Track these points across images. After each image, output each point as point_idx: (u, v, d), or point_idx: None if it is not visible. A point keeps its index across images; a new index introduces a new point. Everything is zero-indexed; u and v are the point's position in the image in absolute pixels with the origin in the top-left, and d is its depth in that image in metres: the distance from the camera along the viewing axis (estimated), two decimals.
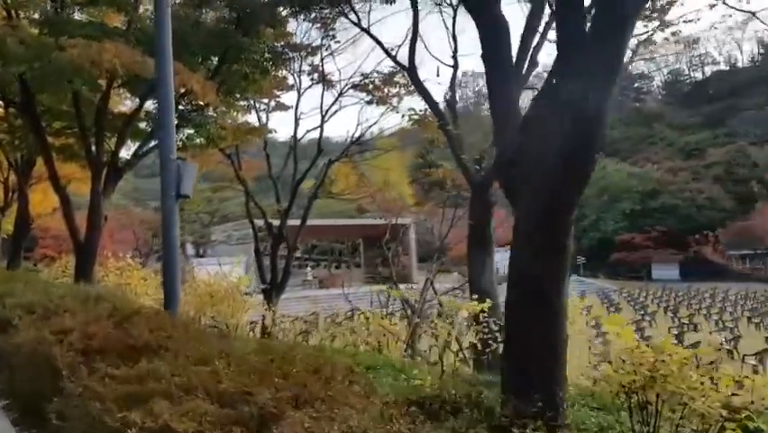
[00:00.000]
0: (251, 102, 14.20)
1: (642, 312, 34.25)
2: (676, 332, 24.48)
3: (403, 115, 14.57)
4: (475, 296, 9.70)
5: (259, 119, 16.76)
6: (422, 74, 11.75)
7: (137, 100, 13.96)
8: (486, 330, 7.52)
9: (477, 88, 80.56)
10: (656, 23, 12.41)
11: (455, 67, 11.60)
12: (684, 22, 12.90)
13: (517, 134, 3.45)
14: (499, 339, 7.64)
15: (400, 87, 16.49)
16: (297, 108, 17.53)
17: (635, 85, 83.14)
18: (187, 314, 8.08)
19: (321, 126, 17.72)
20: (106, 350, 5.24)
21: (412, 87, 16.11)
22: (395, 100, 16.94)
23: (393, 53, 12.76)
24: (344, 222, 54.84)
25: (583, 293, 40.30)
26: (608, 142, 71.80)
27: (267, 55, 11.45)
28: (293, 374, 3.72)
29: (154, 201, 56.42)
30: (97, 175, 11.15)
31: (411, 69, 11.20)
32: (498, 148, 3.71)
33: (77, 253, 11.84)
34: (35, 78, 9.87)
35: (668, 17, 12.79)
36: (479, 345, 7.47)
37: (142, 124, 12.92)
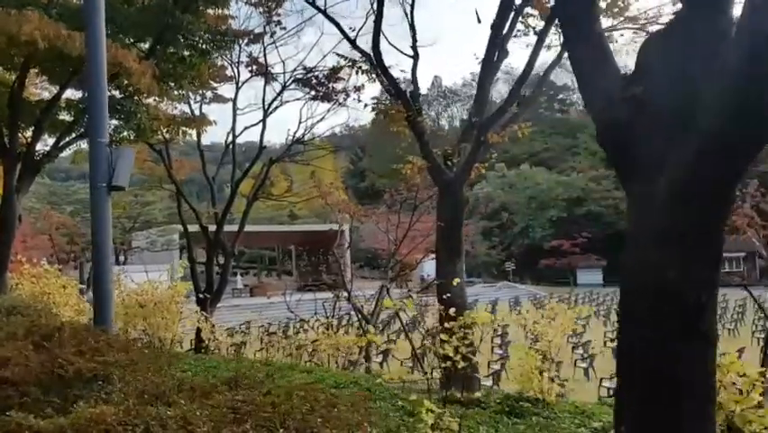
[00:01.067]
0: (185, 92, 12.91)
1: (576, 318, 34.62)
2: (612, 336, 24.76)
3: (366, 105, 13.66)
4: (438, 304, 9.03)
5: (192, 112, 15.39)
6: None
7: (54, 89, 12.52)
8: (466, 342, 6.69)
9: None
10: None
11: (415, 57, 10.85)
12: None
13: (630, 83, 2.62)
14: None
15: (347, 81, 15.65)
16: (235, 102, 16.28)
17: (559, 96, 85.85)
18: (113, 328, 6.87)
19: (263, 121, 16.49)
20: (25, 382, 4.07)
21: (359, 82, 15.33)
22: (341, 97, 16.05)
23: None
24: (280, 228, 53.45)
25: (517, 298, 40.87)
26: (533, 152, 74.11)
27: (207, 36, 10.28)
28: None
29: (70, 205, 52.82)
30: (11, 169, 9.62)
31: (376, 53, 10.35)
32: (594, 108, 2.85)
33: None
34: None
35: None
36: (456, 358, 6.60)
37: (63, 115, 11.41)
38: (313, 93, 16.38)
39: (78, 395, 3.49)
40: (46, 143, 11.48)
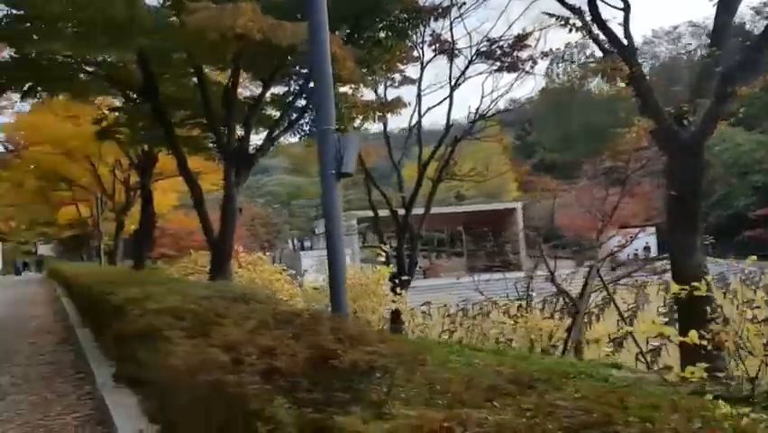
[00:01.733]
0: (377, 77, 12.98)
1: None
2: None
3: (579, 64, 12.82)
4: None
5: (384, 96, 15.51)
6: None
7: (255, 86, 13.25)
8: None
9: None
10: None
11: (626, 9, 9.67)
12: None
13: None
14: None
15: (534, 47, 14.73)
16: (419, 82, 16.21)
17: None
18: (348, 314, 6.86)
19: (450, 98, 16.19)
20: (293, 372, 4.01)
21: (548, 48, 14.36)
22: (527, 65, 15.19)
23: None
24: (452, 209, 53.48)
25: (722, 275, 35.91)
26: (729, 114, 65.54)
27: (403, 15, 10.12)
28: None
29: (261, 198, 57.53)
30: (230, 164, 10.30)
31: (592, 6, 9.42)
32: None
33: (211, 249, 11.05)
34: (156, 52, 9.03)
35: None
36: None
37: (268, 111, 12.02)
38: (497, 65, 15.70)
39: (358, 390, 3.29)
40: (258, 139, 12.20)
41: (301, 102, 11.09)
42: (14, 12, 9.27)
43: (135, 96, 14.22)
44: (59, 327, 13.61)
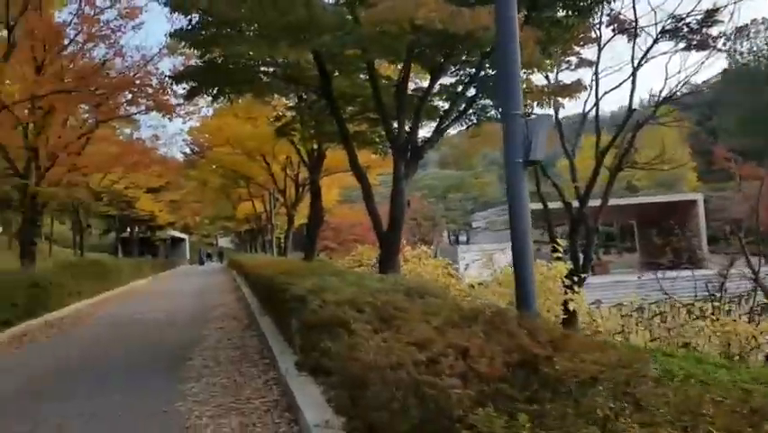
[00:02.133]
0: (553, 60, 12.20)
1: None
2: None
3: None
4: None
5: (548, 80, 14.65)
6: None
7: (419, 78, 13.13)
8: None
9: None
10: None
11: None
12: None
13: None
14: None
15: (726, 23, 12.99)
16: (597, 65, 15.08)
17: None
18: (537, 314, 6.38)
19: (633, 79, 14.85)
20: (497, 378, 3.63)
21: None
22: (719, 42, 13.47)
23: None
24: (623, 201, 50.02)
25: None
26: None
27: None
28: None
29: (419, 191, 58.24)
30: (400, 157, 10.27)
31: None
32: None
33: (380, 242, 11.14)
34: (331, 50, 9.17)
35: None
36: None
37: (435, 101, 11.84)
38: (683, 44, 14.11)
39: (579, 403, 2.87)
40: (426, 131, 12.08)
41: (470, 91, 10.72)
42: (202, 18, 9.96)
43: (305, 96, 14.92)
44: (242, 314, 14.56)
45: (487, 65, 9.89)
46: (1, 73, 11.78)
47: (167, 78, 11.67)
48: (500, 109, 5.69)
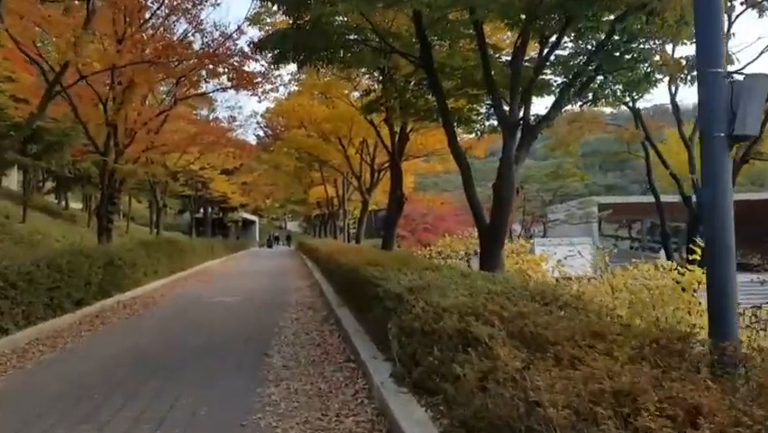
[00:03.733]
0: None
1: None
2: None
3: None
4: None
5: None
6: None
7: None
8: None
9: None
10: None
11: None
12: None
13: None
14: None
15: None
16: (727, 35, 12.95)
17: None
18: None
19: None
20: None
21: None
22: None
23: None
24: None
25: None
26: None
27: None
28: None
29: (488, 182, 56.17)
30: (511, 137, 8.93)
31: None
32: None
33: (481, 234, 9.82)
34: (433, 9, 7.90)
35: None
36: None
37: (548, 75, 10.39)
38: None
39: None
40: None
41: (592, 64, 9.17)
42: None
43: (394, 73, 13.70)
44: (318, 303, 13.69)
45: (615, 36, 8.33)
46: (80, 42, 11.21)
47: (251, 45, 10.72)
48: (696, 68, 4.27)
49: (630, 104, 13.54)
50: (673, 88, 13.96)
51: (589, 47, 9.51)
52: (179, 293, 16.01)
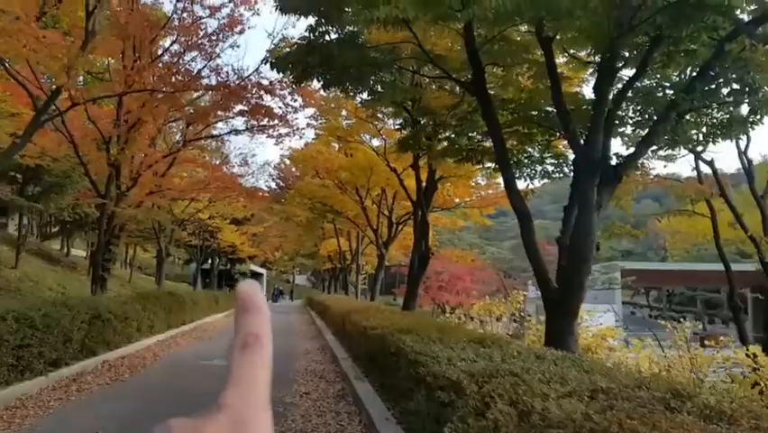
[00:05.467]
0: None
1: None
2: None
3: None
4: None
5: None
6: None
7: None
8: None
9: None
10: None
11: None
12: None
13: None
14: None
15: None
16: None
17: None
18: None
19: None
20: None
21: None
22: None
23: None
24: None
25: None
26: None
27: None
28: None
29: (509, 241, 54.27)
30: (589, 180, 7.20)
31: None
32: None
33: (548, 302, 7.82)
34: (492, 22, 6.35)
35: None
36: None
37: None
38: None
39: None
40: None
41: (691, 95, 7.46)
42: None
43: (421, 119, 12.19)
44: (330, 371, 11.83)
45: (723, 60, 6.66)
46: (74, 65, 9.84)
47: (268, 64, 9.25)
48: None
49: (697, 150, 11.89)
50: (745, 139, 12.32)
51: (680, 76, 7.90)
52: (175, 353, 14.15)
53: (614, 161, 7.80)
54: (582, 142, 7.49)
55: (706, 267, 43.61)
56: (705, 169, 15.45)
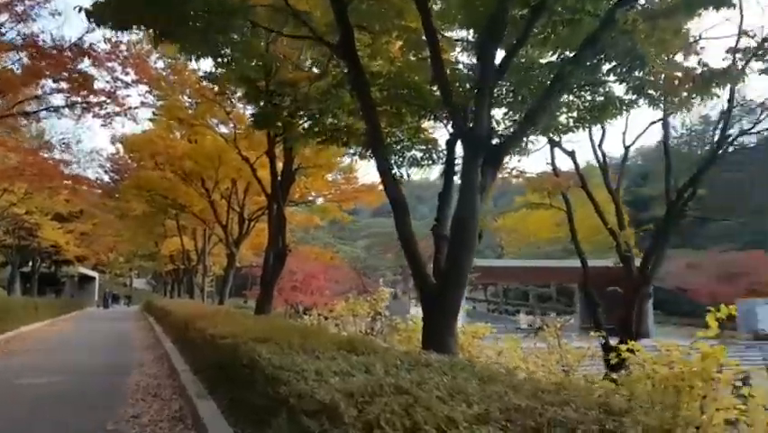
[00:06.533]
0: None
1: None
2: None
3: None
4: None
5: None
6: None
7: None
8: None
9: None
10: None
11: None
12: None
13: None
14: None
15: None
16: None
17: None
18: None
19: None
20: None
21: None
22: None
23: None
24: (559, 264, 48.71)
25: None
26: None
27: None
28: None
29: (364, 240, 54.18)
30: (474, 159, 6.36)
31: None
32: None
33: (425, 299, 6.85)
34: None
35: None
36: None
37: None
38: None
39: None
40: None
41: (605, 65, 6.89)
42: None
43: (279, 92, 10.89)
44: (167, 387, 10.11)
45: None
46: None
47: (82, 11, 7.33)
48: None
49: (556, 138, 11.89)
50: (600, 133, 12.56)
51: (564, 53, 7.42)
52: None
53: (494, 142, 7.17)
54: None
55: (546, 264, 46.89)
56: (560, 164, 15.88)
